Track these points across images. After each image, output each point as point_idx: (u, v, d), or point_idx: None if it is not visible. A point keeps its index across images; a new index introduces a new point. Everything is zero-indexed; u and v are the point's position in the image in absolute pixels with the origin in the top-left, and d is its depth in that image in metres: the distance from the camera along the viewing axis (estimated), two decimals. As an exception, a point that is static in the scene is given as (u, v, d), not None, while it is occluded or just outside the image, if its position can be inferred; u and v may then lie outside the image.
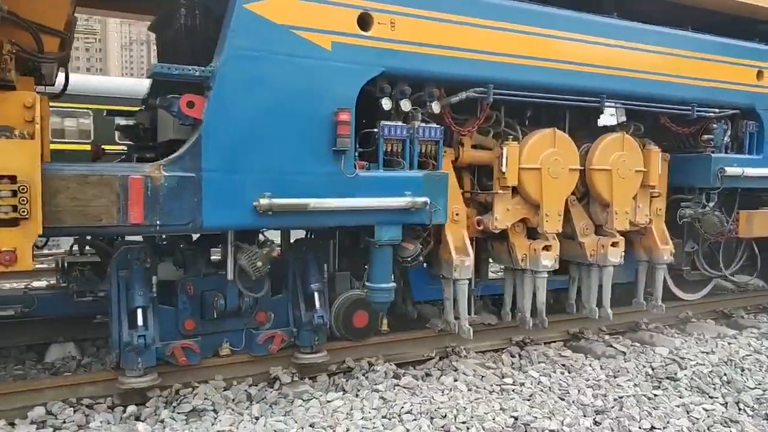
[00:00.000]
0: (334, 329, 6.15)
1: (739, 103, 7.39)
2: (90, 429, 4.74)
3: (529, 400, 5.39)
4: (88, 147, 12.30)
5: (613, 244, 6.72)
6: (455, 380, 5.70)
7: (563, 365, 6.34)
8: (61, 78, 5.64)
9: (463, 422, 4.86)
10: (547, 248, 6.37)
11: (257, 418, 4.88)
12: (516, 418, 4.95)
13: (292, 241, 6.10)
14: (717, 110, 7.19)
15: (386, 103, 5.41)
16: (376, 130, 5.36)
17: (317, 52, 5.00)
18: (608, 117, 7.14)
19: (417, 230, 5.76)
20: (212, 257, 5.97)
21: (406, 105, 5.50)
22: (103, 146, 7.45)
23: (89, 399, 5.15)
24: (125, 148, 7.28)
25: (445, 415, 4.96)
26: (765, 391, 5.75)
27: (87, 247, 6.42)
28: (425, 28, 5.40)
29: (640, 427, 4.92)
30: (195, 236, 5.81)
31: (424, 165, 5.64)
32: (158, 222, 4.56)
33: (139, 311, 5.13)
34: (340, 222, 5.30)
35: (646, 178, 6.93)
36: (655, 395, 5.63)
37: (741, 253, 8.14)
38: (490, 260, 7.10)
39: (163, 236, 5.72)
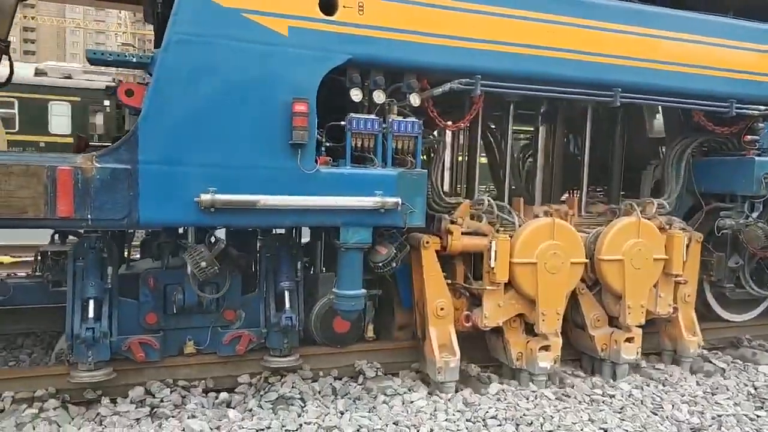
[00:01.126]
0: (314, 334, 5.83)
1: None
2: (185, 410, 4.90)
3: (619, 412, 5.24)
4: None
5: (628, 340, 6.01)
6: (542, 388, 5.63)
7: (656, 379, 6.04)
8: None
9: (550, 431, 4.82)
10: (545, 348, 5.73)
11: (342, 413, 4.93)
12: (605, 431, 4.87)
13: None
14: (763, 107, 6.29)
15: (355, 94, 5.00)
16: (343, 123, 4.95)
17: (272, 38, 4.65)
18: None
19: (392, 233, 5.33)
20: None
21: (379, 96, 5.07)
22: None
23: (184, 381, 5.33)
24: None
25: (531, 423, 4.91)
26: None
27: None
28: (398, 13, 4.95)
29: (741, 449, 4.61)
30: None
31: (401, 163, 5.19)
32: (90, 216, 4.36)
33: (91, 302, 4.99)
34: (297, 222, 4.98)
35: (668, 266, 6.15)
36: (758, 416, 5.32)
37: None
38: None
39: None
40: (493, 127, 7.11)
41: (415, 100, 5.17)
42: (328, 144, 5.01)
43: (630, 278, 5.88)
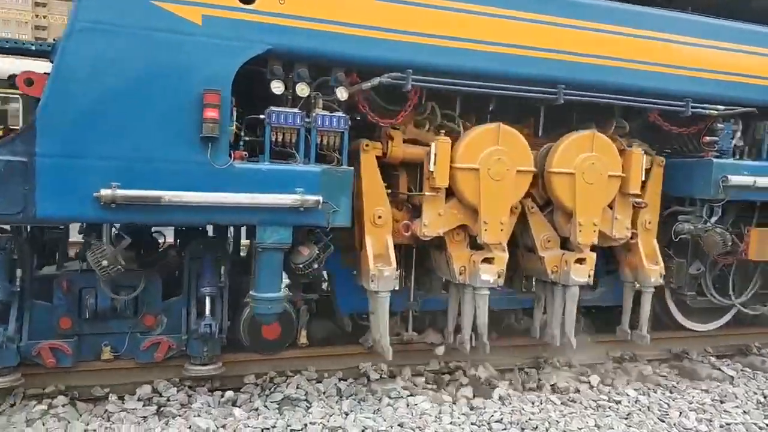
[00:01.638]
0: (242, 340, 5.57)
1: (756, 100, 6.14)
2: (192, 409, 4.91)
3: (626, 419, 5.20)
4: None
5: (579, 261, 5.75)
6: (547, 392, 5.67)
7: (663, 386, 6.01)
8: None
9: (555, 436, 4.83)
10: (488, 261, 5.49)
11: (347, 414, 4.94)
12: (611, 437, 4.88)
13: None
14: (722, 107, 6.01)
15: (276, 87, 4.74)
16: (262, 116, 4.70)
17: (184, 27, 4.41)
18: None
19: (316, 233, 5.06)
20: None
21: (302, 89, 4.82)
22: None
23: (191, 381, 5.34)
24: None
25: (537, 427, 4.89)
26: None
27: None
28: (322, 2, 4.70)
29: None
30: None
31: (328, 159, 4.93)
32: None
33: (-6, 306, 4.75)
34: (209, 219, 4.71)
35: (625, 185, 5.88)
36: (767, 425, 5.26)
37: (756, 278, 6.85)
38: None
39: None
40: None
41: (342, 94, 4.92)
42: (247, 138, 4.76)
43: (582, 193, 5.62)
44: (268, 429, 4.64)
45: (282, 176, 4.69)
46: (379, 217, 5.30)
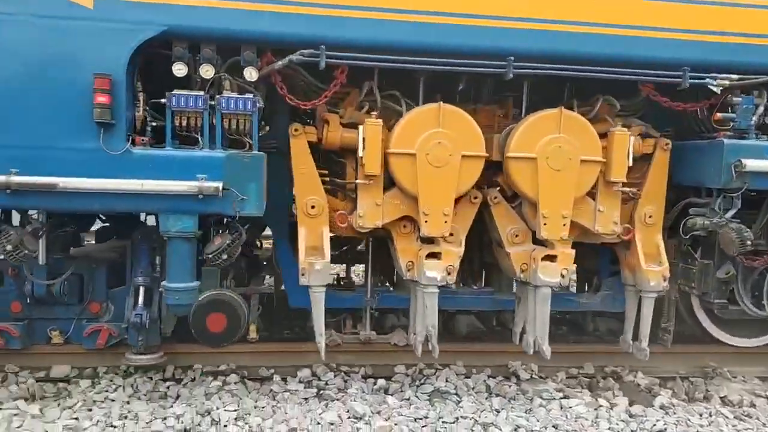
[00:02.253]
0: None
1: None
2: (348, 394, 5.12)
3: None
4: None
5: (549, 258, 5.04)
6: (717, 404, 5.34)
7: None
8: None
9: (724, 453, 4.62)
10: (435, 255, 4.96)
11: (498, 411, 4.90)
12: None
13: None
14: (735, 77, 4.97)
15: (178, 69, 4.56)
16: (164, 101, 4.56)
17: (74, 11, 4.38)
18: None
19: (232, 223, 4.84)
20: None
21: (207, 71, 4.60)
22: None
23: (346, 366, 5.66)
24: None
25: None
26: None
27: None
28: (217, -22, 4.47)
29: None
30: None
31: (239, 144, 4.69)
32: None
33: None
34: (108, 207, 4.66)
35: (608, 172, 5.06)
36: None
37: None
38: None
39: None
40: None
41: (250, 74, 4.64)
42: (154, 124, 4.65)
43: (546, 181, 4.90)
44: (420, 419, 4.70)
45: (182, 162, 4.52)
46: (312, 207, 4.99)
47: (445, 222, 4.89)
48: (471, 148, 4.86)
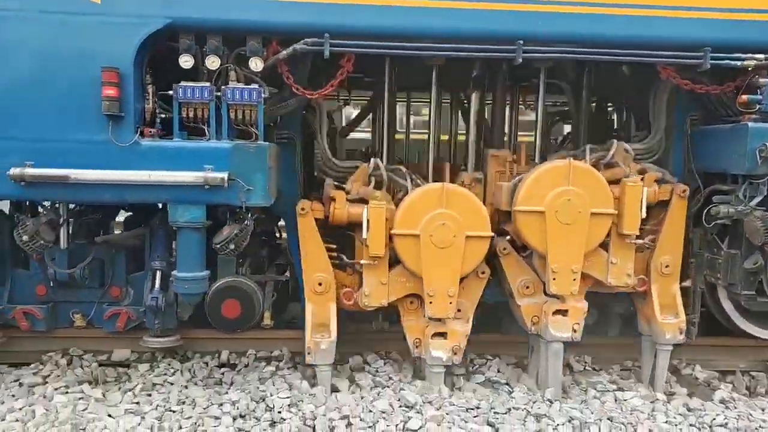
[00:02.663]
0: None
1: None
2: (396, 381, 5.15)
3: None
4: None
5: (560, 312, 4.94)
6: None
7: None
8: None
9: (790, 449, 4.54)
10: (441, 335, 4.92)
11: (551, 402, 4.82)
12: None
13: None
14: (761, 56, 4.72)
15: (185, 60, 4.61)
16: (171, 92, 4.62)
17: (82, 7, 4.46)
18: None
19: (238, 213, 4.88)
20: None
21: (213, 62, 4.63)
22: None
23: (397, 354, 5.73)
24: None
25: None
26: None
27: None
28: (219, -30, 4.47)
29: None
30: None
31: (246, 135, 4.72)
32: None
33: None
34: (118, 197, 4.70)
35: (620, 224, 4.94)
36: None
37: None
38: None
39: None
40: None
41: (256, 64, 4.64)
42: (164, 115, 4.71)
43: (555, 235, 4.82)
44: (472, 409, 4.65)
45: (190, 153, 4.57)
46: (320, 284, 5.01)
47: (450, 303, 4.83)
48: (475, 228, 4.79)
